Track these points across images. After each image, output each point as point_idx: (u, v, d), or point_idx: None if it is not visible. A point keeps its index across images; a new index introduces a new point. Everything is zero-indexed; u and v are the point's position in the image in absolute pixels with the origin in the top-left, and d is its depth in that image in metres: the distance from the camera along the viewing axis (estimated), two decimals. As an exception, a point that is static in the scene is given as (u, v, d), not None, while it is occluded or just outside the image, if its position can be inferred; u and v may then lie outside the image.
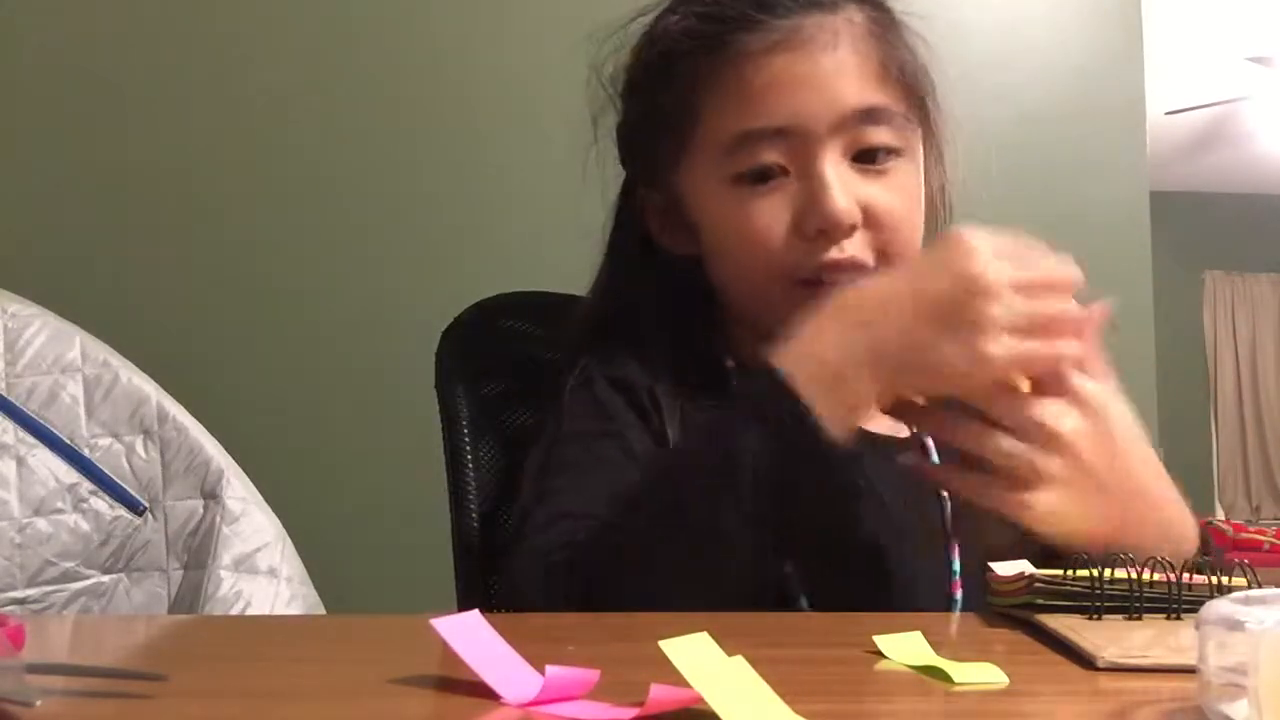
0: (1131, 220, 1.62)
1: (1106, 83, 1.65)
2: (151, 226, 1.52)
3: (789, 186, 0.81)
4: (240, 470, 1.11)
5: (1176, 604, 0.61)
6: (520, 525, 0.77)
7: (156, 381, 1.13)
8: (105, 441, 1.11)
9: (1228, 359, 7.41)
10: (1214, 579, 0.62)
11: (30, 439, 1.10)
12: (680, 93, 0.84)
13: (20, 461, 1.09)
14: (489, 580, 0.92)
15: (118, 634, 0.59)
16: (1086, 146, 1.62)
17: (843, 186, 0.79)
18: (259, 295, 1.52)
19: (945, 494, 0.85)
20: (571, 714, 0.40)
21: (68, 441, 1.11)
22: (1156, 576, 0.62)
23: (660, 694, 0.39)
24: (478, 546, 0.92)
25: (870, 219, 0.81)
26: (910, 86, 0.83)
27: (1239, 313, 7.43)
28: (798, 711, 0.38)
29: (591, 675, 0.42)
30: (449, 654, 0.46)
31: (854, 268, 0.80)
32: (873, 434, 0.87)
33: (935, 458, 0.87)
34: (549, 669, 0.41)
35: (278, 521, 1.11)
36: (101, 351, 1.13)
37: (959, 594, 0.82)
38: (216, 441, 1.12)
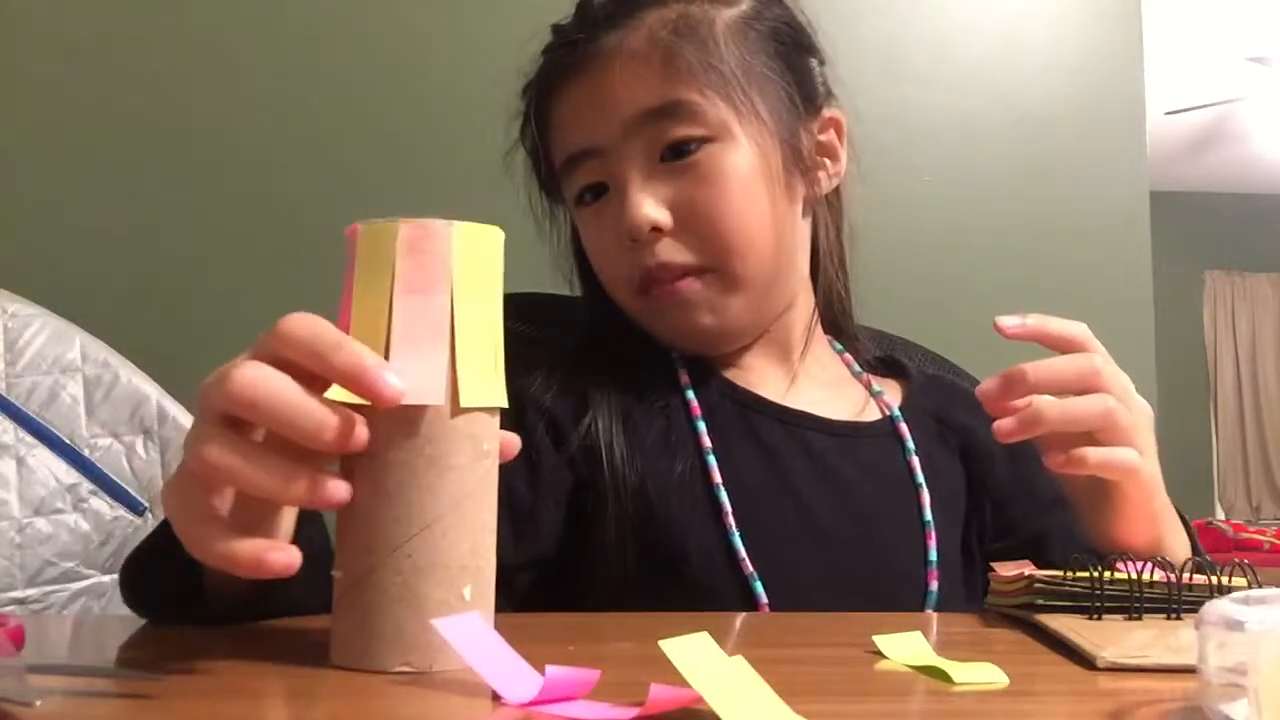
0: (1131, 220, 1.62)
1: (1106, 83, 1.64)
2: (151, 227, 1.52)
3: (611, 200, 0.84)
4: (240, 470, 1.11)
5: (1176, 604, 0.61)
6: None
7: (156, 381, 1.13)
8: (105, 441, 1.11)
9: (1228, 359, 7.41)
10: (1214, 579, 0.62)
11: (30, 439, 1.10)
12: (535, 139, 0.90)
13: (20, 461, 1.09)
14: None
15: (118, 634, 0.59)
16: (1086, 146, 1.62)
17: (643, 193, 0.81)
18: (260, 295, 1.52)
19: (922, 482, 0.85)
20: (571, 714, 0.40)
21: (68, 441, 1.10)
22: (1156, 576, 0.62)
23: (660, 694, 0.39)
24: None
25: (683, 218, 0.82)
26: (714, 79, 0.82)
27: (1239, 313, 7.43)
28: (798, 711, 0.38)
29: (591, 675, 0.42)
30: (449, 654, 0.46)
31: (674, 271, 0.82)
32: (841, 422, 0.87)
33: (911, 444, 0.87)
34: (549, 669, 0.41)
35: (278, 521, 1.11)
36: (101, 351, 1.13)
37: (934, 585, 0.81)
38: (216, 441, 1.11)
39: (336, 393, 0.47)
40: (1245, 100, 5.69)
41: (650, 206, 0.81)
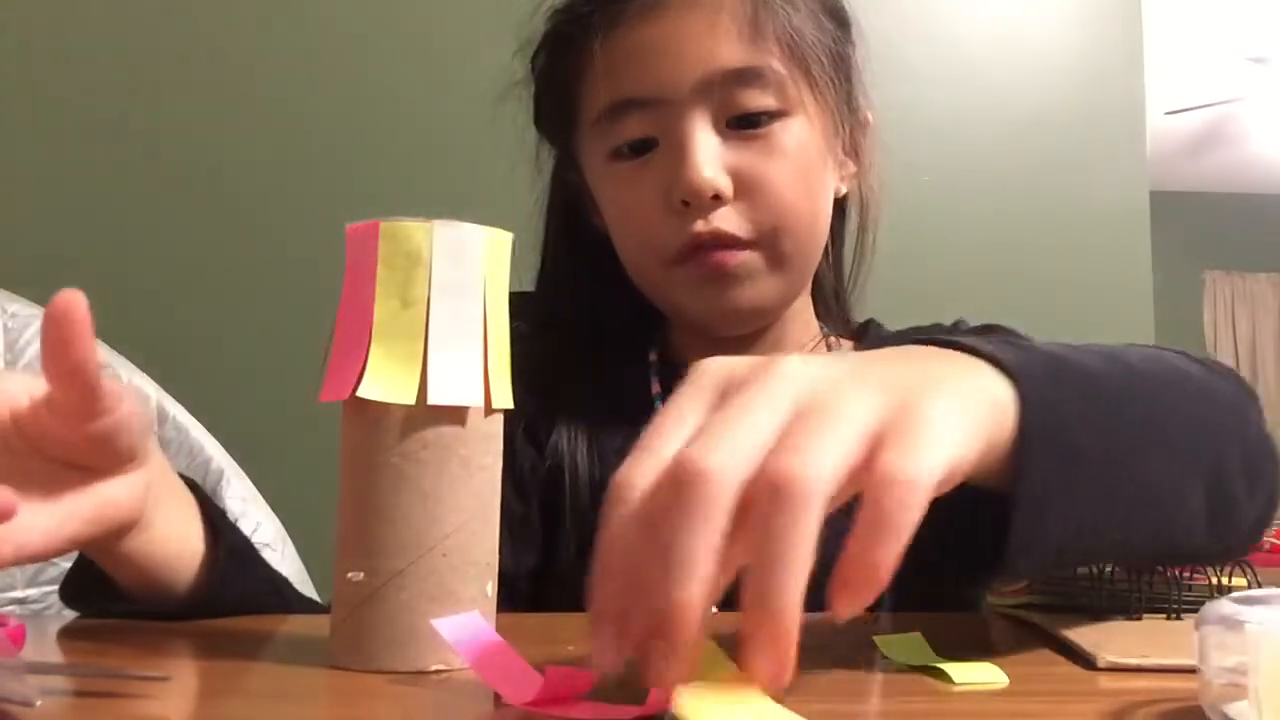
0: (1131, 220, 1.62)
1: (1106, 83, 1.64)
2: (151, 226, 1.52)
3: (658, 158, 0.78)
4: (240, 470, 1.11)
5: (1176, 604, 0.61)
6: None
7: (156, 381, 1.13)
8: (105, 441, 1.11)
9: (1227, 359, 7.40)
10: (1214, 579, 0.62)
11: (30, 439, 1.09)
12: (561, 73, 0.83)
13: (20, 461, 1.08)
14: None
15: (118, 634, 0.59)
16: (1086, 146, 1.62)
17: (708, 154, 0.75)
18: (260, 296, 1.52)
19: None
20: (571, 714, 0.40)
21: (68, 441, 1.10)
22: (1156, 576, 0.62)
23: (661, 694, 0.39)
24: None
25: (743, 188, 0.77)
26: (794, 49, 0.78)
27: (1239, 313, 7.42)
28: (798, 711, 0.38)
29: (592, 675, 0.42)
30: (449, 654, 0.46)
31: (725, 241, 0.77)
32: None
33: None
34: (549, 669, 0.41)
35: (278, 521, 1.11)
36: (101, 351, 1.13)
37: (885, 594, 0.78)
38: (216, 441, 1.12)
39: (367, 390, 0.47)
40: (1245, 100, 5.69)
41: (714, 170, 0.75)
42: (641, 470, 0.36)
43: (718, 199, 0.76)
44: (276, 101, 1.54)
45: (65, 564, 0.60)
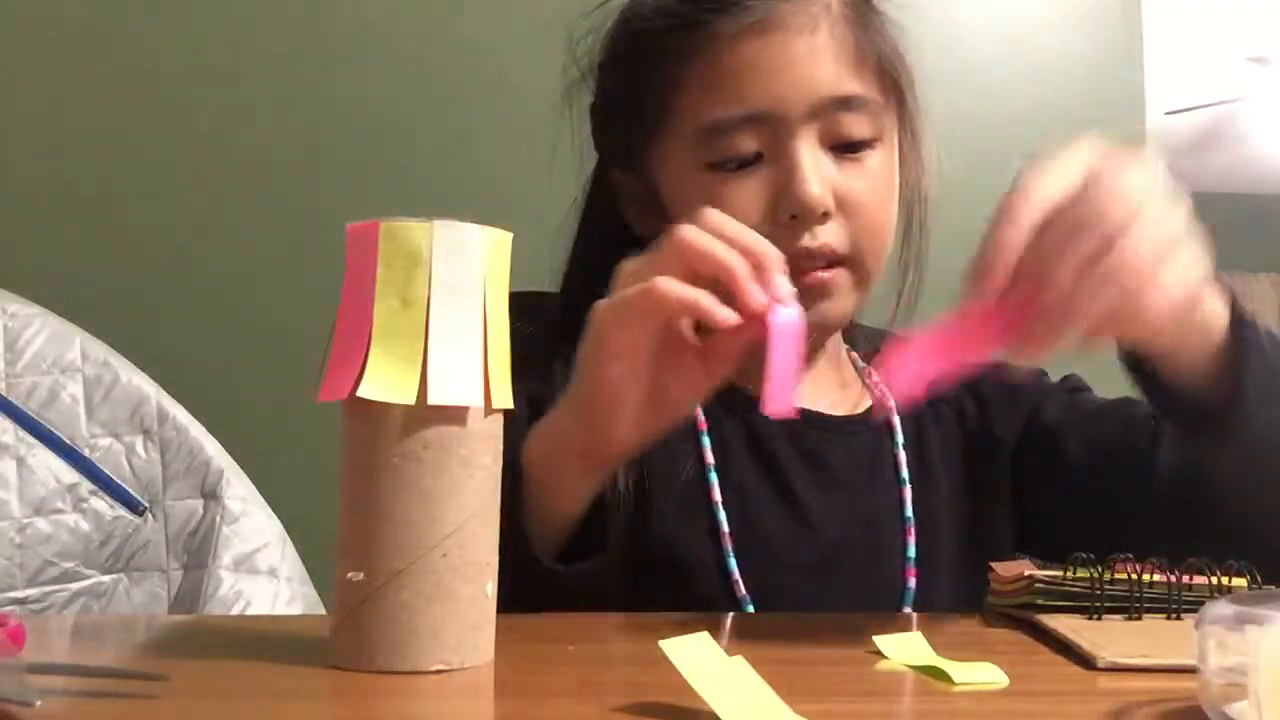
0: (1131, 220, 1.62)
1: (1106, 83, 1.65)
2: (151, 226, 1.52)
3: (763, 172, 0.79)
4: (240, 470, 1.11)
5: (1176, 604, 0.62)
6: None
7: (156, 381, 1.13)
8: (105, 441, 1.11)
9: (1228, 359, 7.41)
10: (1214, 579, 0.62)
11: (30, 439, 1.09)
12: (653, 75, 0.82)
13: (20, 461, 1.08)
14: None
15: (118, 634, 0.59)
16: (1086, 147, 1.62)
17: (819, 172, 0.78)
18: (260, 296, 1.52)
19: (906, 477, 0.84)
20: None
21: (68, 441, 1.10)
22: (1156, 577, 0.62)
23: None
24: None
25: (844, 207, 0.79)
26: (887, 74, 0.82)
27: (1239, 313, 7.43)
28: (798, 711, 0.38)
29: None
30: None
31: (827, 255, 0.79)
32: (841, 417, 0.87)
33: (900, 437, 0.86)
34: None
35: (278, 521, 1.11)
36: (101, 351, 1.13)
37: (912, 582, 0.81)
38: (216, 441, 1.12)
39: (367, 389, 0.47)
40: (1245, 100, 5.71)
41: (823, 189, 0.78)
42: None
43: (825, 215, 0.79)
44: (276, 101, 1.54)
45: (65, 564, 0.60)
